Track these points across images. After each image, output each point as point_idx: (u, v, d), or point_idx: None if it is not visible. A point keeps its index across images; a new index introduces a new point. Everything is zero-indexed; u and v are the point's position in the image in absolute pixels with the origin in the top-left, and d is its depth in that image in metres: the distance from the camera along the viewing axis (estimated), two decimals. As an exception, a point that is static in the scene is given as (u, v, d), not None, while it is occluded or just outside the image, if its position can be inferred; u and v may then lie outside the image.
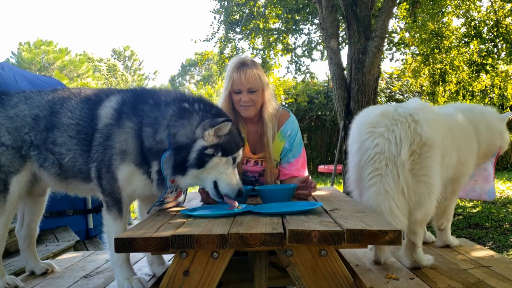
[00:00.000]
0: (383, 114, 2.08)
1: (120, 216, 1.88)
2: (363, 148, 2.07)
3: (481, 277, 1.88)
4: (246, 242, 1.45)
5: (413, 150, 1.99)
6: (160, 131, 1.83)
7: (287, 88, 12.64)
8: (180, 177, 1.83)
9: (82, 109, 1.98)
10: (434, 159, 2.01)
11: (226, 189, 1.81)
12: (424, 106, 2.13)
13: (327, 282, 1.54)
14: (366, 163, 2.05)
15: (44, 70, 24.74)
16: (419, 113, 2.04)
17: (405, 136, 1.98)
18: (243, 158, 2.52)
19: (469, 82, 8.75)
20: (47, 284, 2.07)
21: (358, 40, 5.74)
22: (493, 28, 7.96)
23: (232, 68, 2.42)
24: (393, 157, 1.98)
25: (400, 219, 1.95)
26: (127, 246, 1.49)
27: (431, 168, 2.00)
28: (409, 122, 2.01)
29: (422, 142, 1.99)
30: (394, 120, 2.03)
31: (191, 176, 1.82)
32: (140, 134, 1.86)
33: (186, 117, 1.83)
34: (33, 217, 2.22)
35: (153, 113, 1.87)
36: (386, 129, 2.02)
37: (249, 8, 9.36)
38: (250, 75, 2.38)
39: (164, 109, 1.86)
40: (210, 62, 32.11)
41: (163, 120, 1.84)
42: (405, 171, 1.98)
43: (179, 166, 1.80)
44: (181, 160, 1.79)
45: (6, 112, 2.02)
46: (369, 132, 2.07)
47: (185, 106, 1.86)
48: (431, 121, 2.04)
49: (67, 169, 1.96)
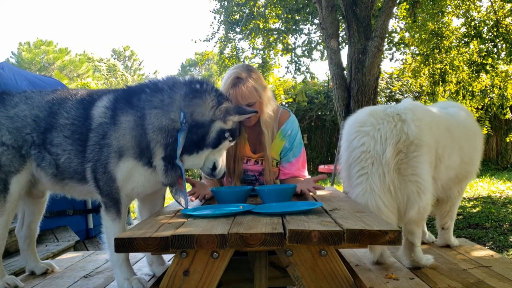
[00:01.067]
0: (371, 113, 2.10)
1: (119, 217, 1.88)
2: (351, 147, 2.09)
3: (481, 277, 1.88)
4: (246, 242, 1.45)
5: (399, 149, 1.99)
6: (173, 110, 1.87)
7: (287, 88, 12.64)
8: (187, 156, 1.90)
9: (77, 109, 1.99)
10: (423, 158, 2.00)
11: (221, 170, 2.00)
12: (414, 106, 2.13)
13: (327, 282, 1.54)
14: (353, 162, 2.07)
15: (44, 70, 24.74)
16: (407, 113, 2.04)
17: (390, 134, 1.99)
18: (244, 157, 2.53)
19: (469, 82, 8.74)
20: (47, 284, 2.07)
21: (358, 40, 5.74)
22: (493, 28, 7.96)
23: (227, 86, 2.37)
24: (378, 156, 1.99)
25: (389, 217, 1.95)
26: (127, 246, 1.49)
27: (419, 167, 1.99)
28: (395, 121, 2.02)
29: (409, 141, 1.99)
30: (381, 119, 2.04)
31: (201, 155, 1.93)
32: (141, 122, 1.86)
33: (199, 97, 1.91)
34: (34, 217, 2.22)
35: (156, 97, 1.90)
36: (372, 128, 2.04)
37: (249, 8, 9.37)
38: (246, 92, 2.34)
39: (171, 92, 1.91)
40: (210, 62, 32.09)
41: (173, 101, 1.89)
42: (391, 169, 1.98)
43: (195, 144, 1.88)
44: (198, 138, 1.88)
45: (7, 112, 2.03)
46: (357, 131, 2.09)
47: (196, 87, 1.94)
48: (420, 120, 2.04)
49: (63, 169, 1.97)
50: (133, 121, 1.87)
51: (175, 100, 1.89)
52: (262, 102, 2.43)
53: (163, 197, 2.22)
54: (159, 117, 1.86)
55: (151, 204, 2.15)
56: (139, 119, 1.87)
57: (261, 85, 2.43)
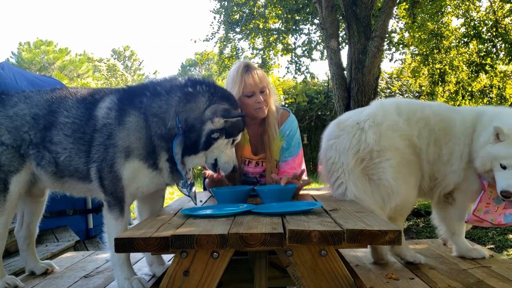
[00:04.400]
0: (337, 124, 2.20)
1: (122, 216, 1.88)
2: (324, 160, 2.21)
3: (481, 277, 1.87)
4: (246, 242, 1.45)
5: (362, 157, 2.06)
6: (170, 118, 1.88)
7: (287, 88, 12.64)
8: (188, 157, 1.93)
9: (77, 108, 1.99)
10: (387, 164, 2.04)
11: (225, 166, 2.00)
12: (377, 111, 2.13)
13: (327, 282, 1.54)
14: (329, 173, 2.17)
15: (44, 70, 24.71)
16: (366, 120, 2.08)
17: (349, 146, 2.07)
18: (245, 159, 2.55)
19: (468, 82, 8.76)
20: (47, 284, 2.07)
21: (358, 40, 5.74)
22: (492, 28, 7.97)
23: (240, 73, 2.42)
24: (346, 166, 2.08)
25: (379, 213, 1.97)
26: (127, 246, 1.49)
27: (384, 173, 2.04)
28: (354, 131, 2.07)
29: (369, 148, 2.04)
30: (342, 131, 2.13)
31: (199, 156, 1.95)
32: (145, 126, 1.88)
33: (192, 101, 1.91)
34: (33, 217, 2.22)
35: (155, 103, 1.91)
36: (335, 140, 2.14)
37: (249, 8, 9.38)
38: (260, 74, 2.44)
39: (168, 97, 1.91)
40: (210, 62, 32.09)
41: (170, 108, 1.89)
42: (359, 177, 2.07)
43: (190, 148, 1.91)
44: (192, 143, 1.90)
45: (6, 111, 2.03)
46: (325, 145, 2.21)
47: (189, 90, 1.93)
48: (379, 125, 2.06)
49: (63, 168, 1.97)
50: (137, 122, 1.88)
51: (172, 106, 1.90)
52: (270, 94, 2.49)
53: (163, 197, 2.22)
54: (159, 125, 1.89)
55: (151, 204, 2.15)
56: (144, 121, 1.89)
57: (267, 77, 2.52)
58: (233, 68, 2.51)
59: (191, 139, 1.90)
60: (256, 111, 2.44)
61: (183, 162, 1.93)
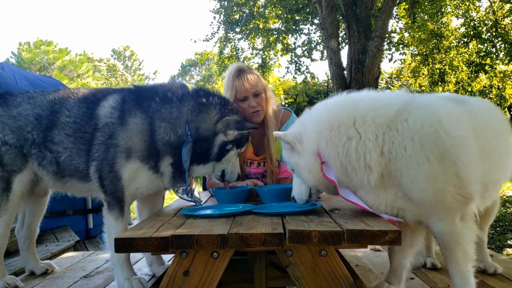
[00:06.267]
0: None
1: (122, 216, 1.88)
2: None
3: (481, 277, 1.88)
4: (246, 242, 1.45)
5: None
6: (181, 126, 1.90)
7: (287, 88, 12.64)
8: (196, 166, 1.96)
9: (79, 107, 1.99)
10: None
11: (231, 176, 2.07)
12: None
13: (327, 282, 1.54)
14: None
15: (44, 70, 24.70)
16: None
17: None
18: (247, 160, 2.55)
19: (468, 82, 8.76)
20: (47, 284, 2.07)
21: (358, 40, 5.75)
22: (492, 28, 7.98)
23: (231, 78, 2.41)
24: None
25: None
26: (127, 246, 1.49)
27: None
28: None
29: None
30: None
31: (208, 166, 1.99)
32: (151, 129, 1.88)
33: (205, 111, 1.94)
34: (34, 218, 2.23)
35: (165, 108, 1.91)
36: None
37: (249, 8, 9.38)
38: (251, 79, 2.40)
39: (179, 105, 1.93)
40: (210, 62, 32.10)
41: (181, 115, 1.91)
42: None
43: (200, 156, 1.94)
44: (202, 151, 1.93)
45: (10, 111, 2.03)
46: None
47: (203, 101, 1.96)
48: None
49: (64, 167, 1.97)
50: (142, 125, 1.88)
51: (183, 113, 1.91)
52: (266, 99, 2.46)
53: (163, 197, 2.23)
54: (168, 132, 1.89)
55: (151, 204, 2.16)
56: (149, 125, 1.88)
57: (263, 80, 2.50)
58: (227, 72, 2.51)
59: (201, 148, 1.92)
60: (252, 115, 2.43)
61: (189, 170, 1.93)
